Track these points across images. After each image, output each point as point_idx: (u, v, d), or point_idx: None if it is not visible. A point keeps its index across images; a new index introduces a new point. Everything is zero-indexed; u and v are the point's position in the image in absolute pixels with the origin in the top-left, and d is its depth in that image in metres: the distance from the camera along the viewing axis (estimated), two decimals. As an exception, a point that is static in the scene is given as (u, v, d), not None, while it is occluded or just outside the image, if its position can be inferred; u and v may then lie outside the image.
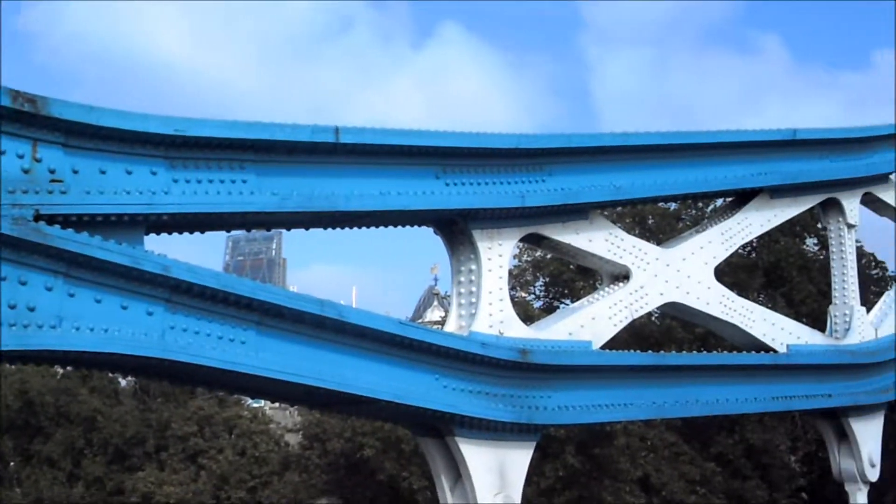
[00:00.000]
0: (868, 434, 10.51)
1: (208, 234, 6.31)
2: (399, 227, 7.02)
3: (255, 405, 36.62)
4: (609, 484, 25.33)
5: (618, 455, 25.26)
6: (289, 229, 6.82)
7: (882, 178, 11.24)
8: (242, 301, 5.98)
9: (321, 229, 6.77)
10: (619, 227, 8.80)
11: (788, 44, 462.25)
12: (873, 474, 10.45)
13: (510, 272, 9.84)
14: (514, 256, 28.04)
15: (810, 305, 30.23)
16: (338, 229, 6.83)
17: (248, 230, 6.64)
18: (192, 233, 6.23)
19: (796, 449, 30.81)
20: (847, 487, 10.49)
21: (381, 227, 6.96)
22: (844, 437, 10.42)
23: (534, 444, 7.69)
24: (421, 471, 24.32)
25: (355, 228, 6.94)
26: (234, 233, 6.87)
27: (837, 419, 10.36)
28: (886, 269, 44.31)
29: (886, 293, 11.60)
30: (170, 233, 6.14)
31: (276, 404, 32.95)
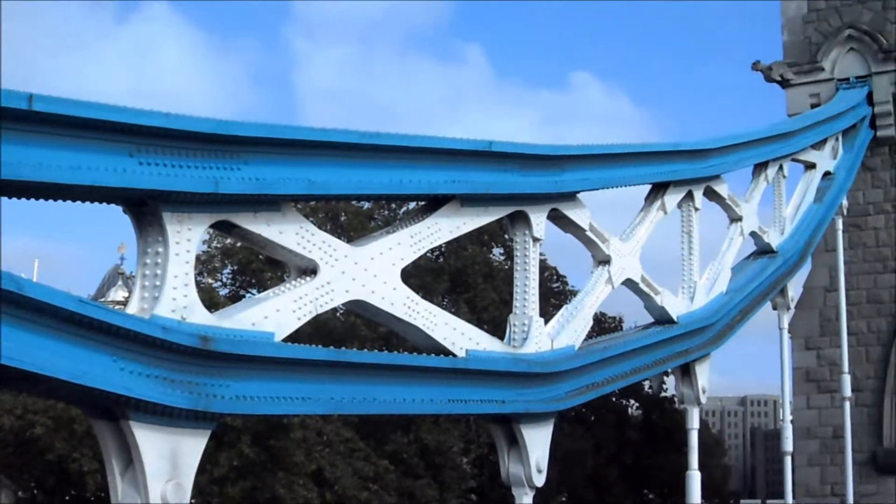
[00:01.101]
0: (538, 441, 11.89)
1: None
2: (88, 202, 7.47)
3: None
4: (283, 476, 26.42)
5: (293, 448, 26.39)
6: (-33, 196, 6.98)
7: (570, 196, 12.78)
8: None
9: (5, 198, 7.08)
10: (312, 222, 9.58)
11: (491, 57, 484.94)
12: (540, 480, 11.83)
13: (198, 257, 10.44)
14: (204, 242, 28.43)
15: (492, 313, 32.77)
16: (24, 200, 7.18)
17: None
18: None
19: (469, 451, 33.21)
20: (514, 491, 11.80)
21: (70, 202, 7.38)
22: (515, 442, 11.73)
23: (209, 432, 8.23)
24: (93, 453, 24.29)
25: (42, 200, 7.32)
26: None
27: (509, 425, 11.66)
28: (567, 283, 48.20)
29: (565, 306, 13.15)
30: None
31: None
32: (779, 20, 30.30)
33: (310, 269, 9.27)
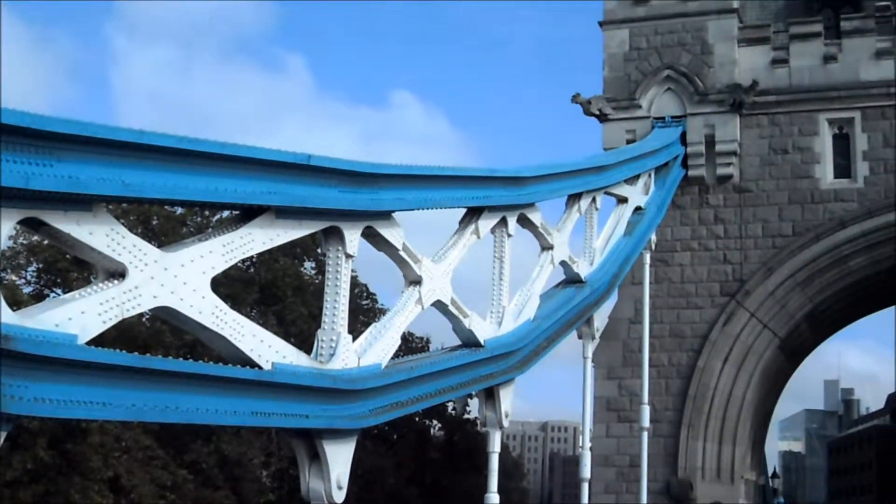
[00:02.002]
0: (339, 457, 12.13)
1: None
2: None
3: None
4: (79, 481, 26.01)
5: (91, 453, 26.01)
6: None
7: (385, 215, 13.14)
8: None
9: None
10: (123, 224, 9.63)
11: (314, 69, 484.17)
12: (340, 496, 12.07)
13: (2, 253, 10.33)
14: (10, 238, 27.69)
15: (300, 326, 33.00)
16: None
17: None
18: None
19: (269, 464, 33.31)
20: (312, 506, 12.08)
21: None
22: (316, 457, 11.96)
23: (3, 434, 8.22)
24: None
25: None
26: None
27: (312, 440, 11.89)
28: (377, 301, 48.86)
29: (374, 324, 13.48)
30: None
31: None
32: (601, 55, 31.57)
33: (118, 272, 9.30)
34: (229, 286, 32.74)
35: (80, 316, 8.84)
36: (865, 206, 29.40)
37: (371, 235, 13.01)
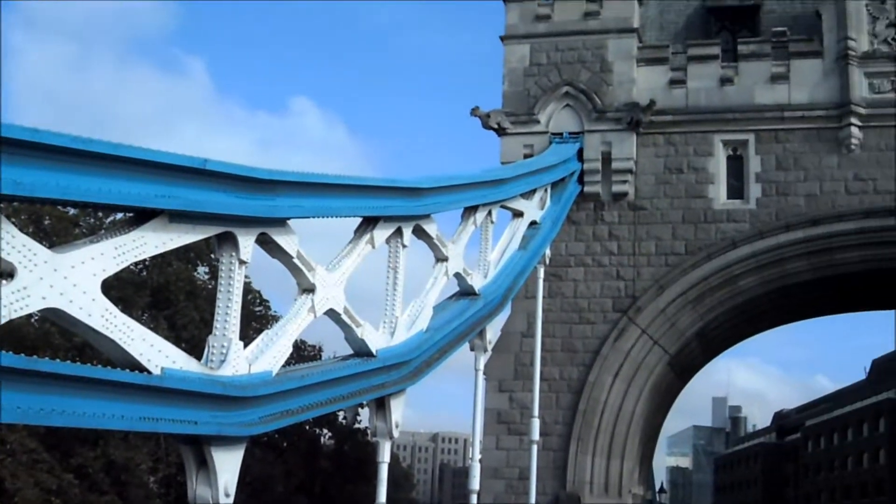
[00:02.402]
0: (227, 465, 12.16)
1: None
2: None
3: None
4: (-40, 484, 25.50)
5: (-27, 456, 25.57)
6: None
7: (280, 222, 13.23)
8: None
9: None
10: (14, 224, 9.58)
11: (213, 72, 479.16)
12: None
13: None
14: None
15: (192, 331, 32.86)
16: None
17: None
18: None
19: (157, 470, 33.07)
20: (199, 514, 12.10)
21: None
22: (204, 464, 11.98)
23: None
24: None
25: None
26: None
27: (200, 446, 11.92)
28: (270, 308, 48.85)
29: (265, 331, 13.56)
30: None
31: None
32: (501, 69, 32.01)
33: (7, 272, 9.25)
34: (121, 289, 32.47)
35: (-35, 315, 8.79)
36: (757, 227, 30.26)
37: (265, 242, 13.08)
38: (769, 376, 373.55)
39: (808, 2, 33.63)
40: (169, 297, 38.36)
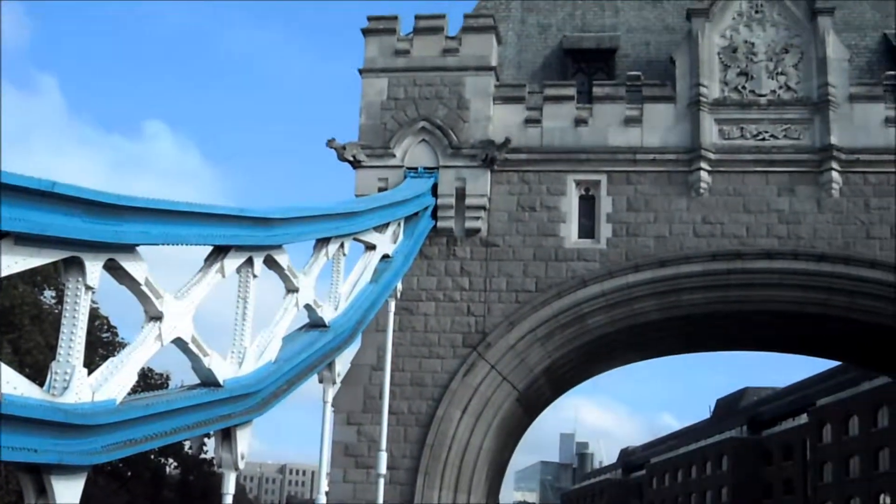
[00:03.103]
0: (68, 493, 12.11)
1: None
2: None
3: None
4: None
5: None
6: None
7: (129, 248, 13.28)
8: None
9: None
10: None
11: (66, 91, 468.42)
12: (66, 533, 12.09)
13: None
14: None
15: (36, 356, 32.24)
16: None
17: None
18: None
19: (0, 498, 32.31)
20: (37, 542, 11.99)
21: None
22: (44, 493, 11.92)
23: None
24: None
25: None
26: None
27: (40, 475, 11.86)
28: (117, 334, 48.28)
29: (111, 359, 13.53)
30: None
31: None
32: (359, 102, 32.34)
33: None
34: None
35: None
36: (607, 266, 31.04)
37: (113, 268, 13.11)
38: (616, 413, 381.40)
39: (663, 48, 34.89)
40: (13, 320, 37.53)
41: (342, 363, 22.44)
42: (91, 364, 12.73)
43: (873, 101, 31.63)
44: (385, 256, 25.45)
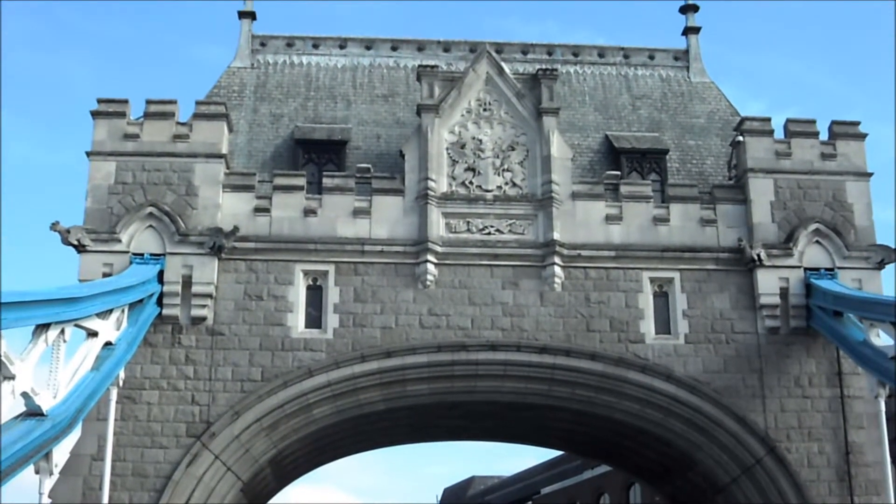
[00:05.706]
0: None
1: None
2: None
3: None
4: None
5: None
6: None
7: None
8: None
9: None
10: None
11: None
12: None
13: None
14: None
15: None
16: None
17: None
18: None
19: None
20: None
21: None
22: None
23: None
24: None
25: None
26: None
27: None
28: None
29: None
30: None
31: None
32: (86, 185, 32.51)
33: None
34: None
35: None
36: (333, 356, 31.89)
37: None
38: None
39: (393, 141, 36.63)
40: None
41: (60, 453, 22.49)
42: None
43: (594, 199, 33.93)
44: (108, 343, 25.75)
